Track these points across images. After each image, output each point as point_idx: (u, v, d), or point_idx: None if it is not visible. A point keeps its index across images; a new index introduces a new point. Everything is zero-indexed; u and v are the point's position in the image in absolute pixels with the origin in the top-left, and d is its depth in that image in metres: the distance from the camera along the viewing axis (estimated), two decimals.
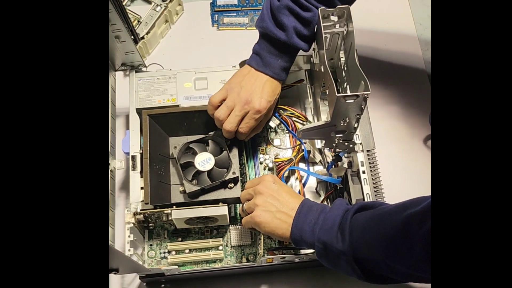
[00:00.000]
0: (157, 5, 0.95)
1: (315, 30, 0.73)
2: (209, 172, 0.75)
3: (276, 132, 0.86)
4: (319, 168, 0.83)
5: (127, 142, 0.77)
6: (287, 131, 0.85)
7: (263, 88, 0.73)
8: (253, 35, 0.78)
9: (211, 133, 0.78)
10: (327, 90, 0.71)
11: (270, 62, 0.73)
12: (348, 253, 0.58)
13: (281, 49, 0.73)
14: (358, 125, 0.70)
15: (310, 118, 0.86)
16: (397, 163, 0.87)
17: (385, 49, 0.97)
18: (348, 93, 0.68)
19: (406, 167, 0.87)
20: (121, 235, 0.79)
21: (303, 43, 0.73)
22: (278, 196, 0.65)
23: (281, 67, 0.74)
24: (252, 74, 0.74)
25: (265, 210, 0.64)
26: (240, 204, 0.77)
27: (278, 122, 0.84)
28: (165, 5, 0.95)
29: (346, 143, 0.74)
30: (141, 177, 0.74)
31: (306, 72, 0.86)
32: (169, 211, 0.72)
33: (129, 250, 0.70)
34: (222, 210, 0.72)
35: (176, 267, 0.71)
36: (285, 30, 0.71)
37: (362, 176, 0.73)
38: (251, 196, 0.68)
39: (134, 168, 0.75)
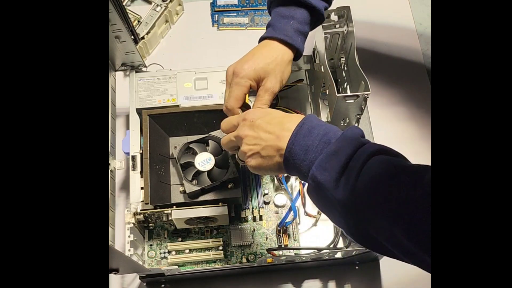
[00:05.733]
0: (157, 5, 0.95)
1: None
2: (209, 172, 0.75)
3: None
4: None
5: (127, 142, 0.77)
6: None
7: (253, 52, 0.65)
8: (253, 35, 0.78)
9: (211, 133, 0.78)
10: (327, 90, 0.71)
11: (281, 26, 0.64)
12: (347, 205, 0.46)
13: (292, 4, 0.64)
14: (358, 125, 0.70)
15: None
16: None
17: (385, 49, 0.97)
18: (348, 93, 0.68)
19: None
20: (121, 235, 0.79)
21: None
22: (260, 133, 0.54)
23: (294, 29, 0.64)
24: (259, 46, 0.66)
25: (251, 155, 0.55)
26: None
27: None
28: (165, 5, 0.95)
29: None
30: (141, 177, 0.74)
31: (306, 72, 0.86)
32: (169, 211, 0.72)
33: (129, 250, 0.70)
34: (222, 210, 0.72)
35: (176, 267, 0.71)
36: None
37: None
38: (235, 142, 0.58)
39: (134, 168, 0.75)
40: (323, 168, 0.47)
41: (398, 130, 0.90)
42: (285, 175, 0.81)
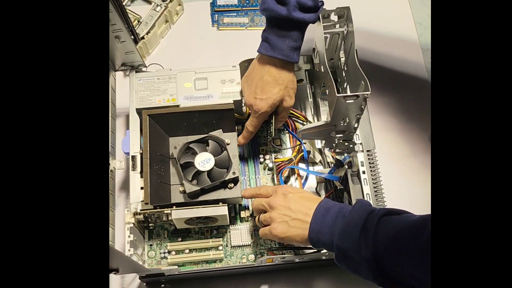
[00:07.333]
0: (157, 5, 0.95)
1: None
2: (209, 172, 0.75)
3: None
4: (319, 168, 0.83)
5: (127, 142, 0.77)
6: (287, 131, 0.85)
7: (263, 84, 0.72)
8: (253, 35, 0.78)
9: (211, 133, 0.78)
10: (327, 90, 0.71)
11: (278, 44, 0.69)
12: (371, 261, 0.55)
13: (285, 27, 0.68)
14: (358, 125, 0.70)
15: (310, 118, 0.86)
16: (397, 163, 0.87)
17: (385, 49, 0.97)
18: (348, 93, 0.68)
19: (406, 167, 0.87)
20: (121, 235, 0.79)
21: (308, 15, 0.67)
22: (290, 206, 0.65)
23: (289, 47, 0.69)
24: (258, 66, 0.73)
25: (280, 222, 0.65)
26: (251, 200, 0.78)
27: None
28: (165, 5, 0.95)
29: (346, 143, 0.74)
30: (141, 177, 0.74)
31: (306, 72, 0.86)
32: (169, 211, 0.72)
33: (129, 250, 0.70)
34: (222, 210, 0.72)
35: (176, 267, 0.71)
36: (286, 4, 0.66)
37: (362, 176, 0.73)
38: (265, 208, 0.68)
39: (134, 168, 0.75)
40: (344, 236, 0.58)
41: (396, 129, 0.90)
42: (285, 175, 0.81)
